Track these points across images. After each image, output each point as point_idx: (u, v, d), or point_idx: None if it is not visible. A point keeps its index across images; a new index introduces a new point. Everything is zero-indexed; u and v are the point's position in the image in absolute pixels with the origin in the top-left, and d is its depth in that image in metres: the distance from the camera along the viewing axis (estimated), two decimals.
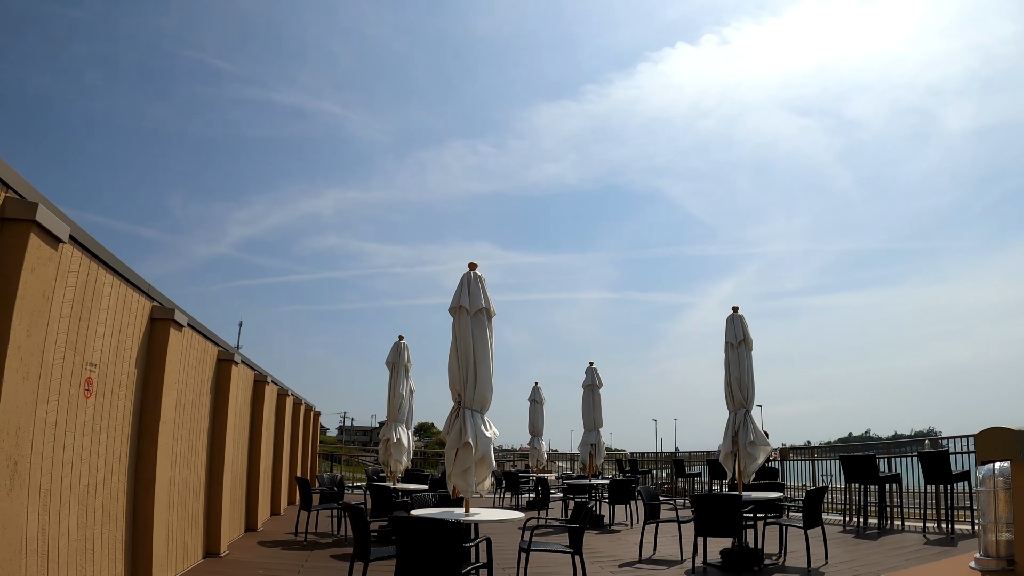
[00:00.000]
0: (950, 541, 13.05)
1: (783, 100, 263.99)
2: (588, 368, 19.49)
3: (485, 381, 8.94)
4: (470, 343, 8.91)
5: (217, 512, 11.44)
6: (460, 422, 8.73)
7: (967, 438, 15.23)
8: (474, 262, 9.26)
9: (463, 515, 8.34)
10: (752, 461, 11.79)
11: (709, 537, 10.65)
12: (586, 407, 19.25)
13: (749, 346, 12.27)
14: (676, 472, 25.01)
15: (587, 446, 18.96)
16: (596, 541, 14.58)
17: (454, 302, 9.08)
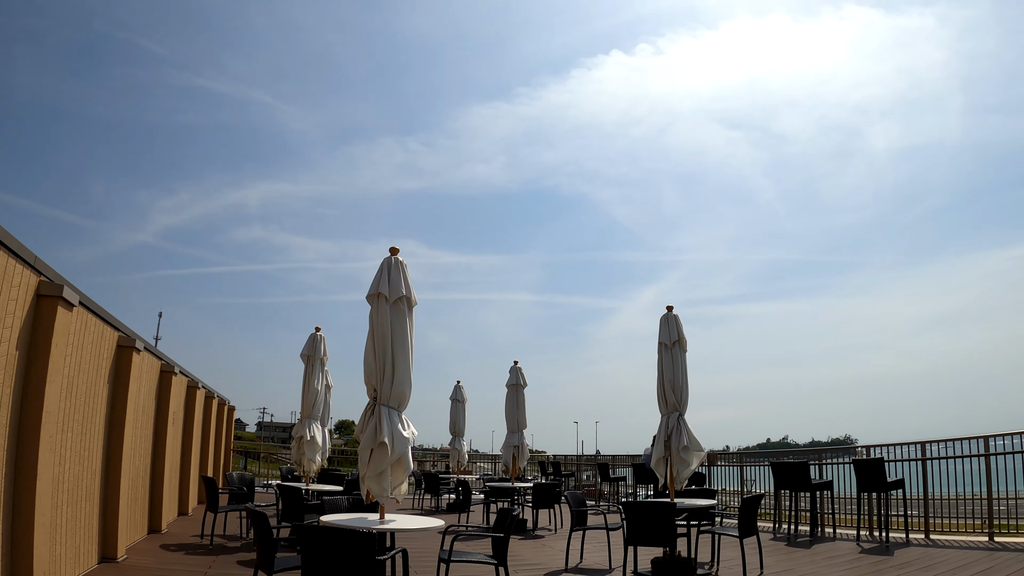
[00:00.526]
0: (885, 550, 12.78)
1: (713, 112, 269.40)
2: (512, 367, 18.84)
3: (404, 376, 8.20)
4: (388, 334, 8.16)
5: (114, 513, 10.54)
6: (375, 420, 7.97)
7: (902, 446, 14.97)
8: (395, 247, 8.53)
9: (378, 523, 7.64)
10: (685, 467, 11.25)
11: (640, 546, 10.05)
12: (510, 407, 18.57)
13: (683, 347, 11.74)
14: (600, 475, 24.45)
15: (510, 448, 18.28)
16: (519, 547, 13.96)
17: (372, 289, 8.31)
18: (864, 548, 13.13)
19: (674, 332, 11.70)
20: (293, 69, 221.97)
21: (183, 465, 17.10)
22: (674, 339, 11.65)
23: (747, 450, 26.71)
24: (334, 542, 6.47)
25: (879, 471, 13.90)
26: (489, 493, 18.14)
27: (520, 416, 18.40)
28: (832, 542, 14.15)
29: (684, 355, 11.71)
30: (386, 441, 7.80)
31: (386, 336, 8.15)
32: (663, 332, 11.76)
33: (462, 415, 23.09)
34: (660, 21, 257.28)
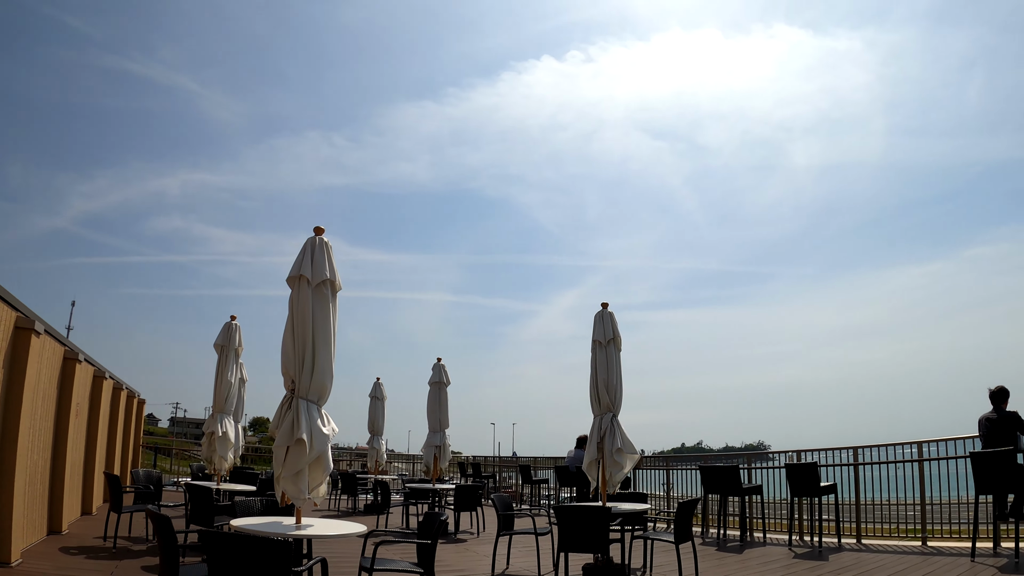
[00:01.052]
0: (819, 555, 12.51)
1: (640, 121, 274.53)
2: (436, 365, 18.18)
3: (325, 367, 7.48)
4: (309, 320, 7.46)
5: (8, 513, 9.62)
6: (293, 415, 7.26)
7: (833, 451, 14.72)
8: (320, 227, 7.86)
9: (293, 528, 6.98)
10: (618, 470, 10.78)
11: (572, 552, 9.51)
12: (432, 406, 17.90)
13: (618, 345, 11.29)
14: (523, 478, 23.91)
15: (431, 448, 17.58)
16: (443, 552, 13.29)
17: (293, 270, 7.59)
18: (797, 553, 12.84)
19: (609, 330, 11.23)
20: (221, 56, 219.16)
21: (87, 461, 16.10)
22: (609, 337, 11.18)
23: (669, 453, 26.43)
24: (244, 550, 5.72)
25: (812, 476, 13.63)
26: (409, 495, 17.51)
27: (442, 415, 17.75)
28: (763, 547, 13.85)
29: (619, 354, 11.27)
30: (304, 438, 7.11)
31: (306, 323, 7.44)
32: (597, 330, 11.28)
33: (381, 413, 22.46)
34: (592, 29, 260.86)
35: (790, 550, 13.24)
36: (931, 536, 13.11)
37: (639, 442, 10.92)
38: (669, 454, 24.53)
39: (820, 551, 12.89)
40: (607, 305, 11.43)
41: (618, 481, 10.94)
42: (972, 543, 11.36)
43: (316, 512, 20.17)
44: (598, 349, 11.20)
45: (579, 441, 19.53)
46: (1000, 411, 11.96)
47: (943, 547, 12.49)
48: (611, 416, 10.94)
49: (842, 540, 13.67)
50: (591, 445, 10.98)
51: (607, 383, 11.00)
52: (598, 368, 11.11)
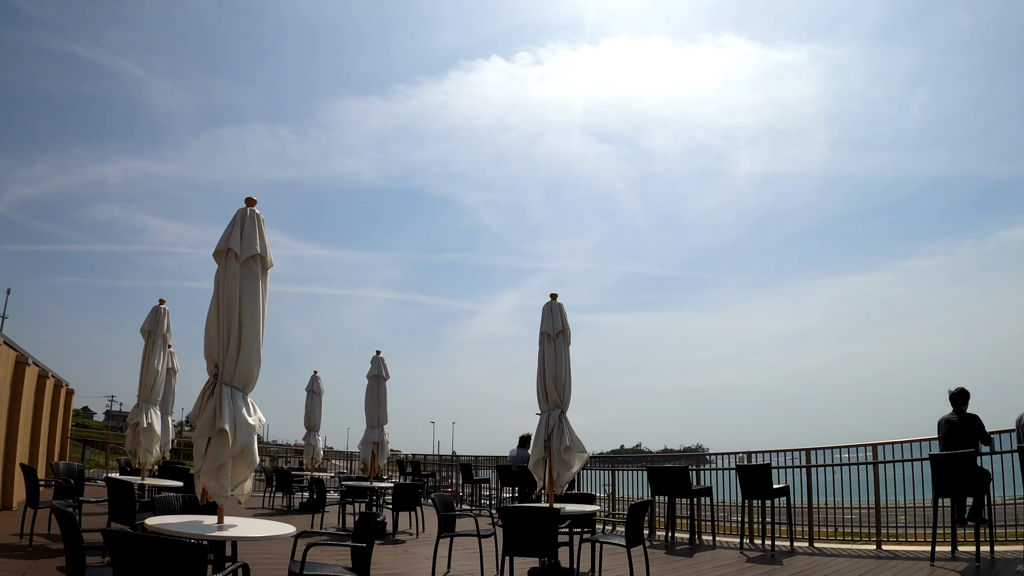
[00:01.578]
0: (772, 559, 12.12)
1: (585, 125, 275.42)
2: (375, 358, 17.41)
3: (252, 350, 6.71)
4: (235, 298, 6.73)
5: None
6: (215, 402, 6.55)
7: (785, 452, 14.34)
8: (252, 197, 7.20)
9: (214, 528, 6.27)
10: (566, 469, 10.19)
11: (517, 557, 8.93)
12: (370, 400, 17.13)
13: (567, 338, 10.71)
14: (464, 477, 23.29)
15: (369, 444, 16.87)
16: (380, 554, 12.66)
17: (221, 243, 6.85)
18: (750, 557, 12.39)
19: (558, 322, 10.65)
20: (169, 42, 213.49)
21: (7, 452, 15.20)
22: (558, 329, 10.61)
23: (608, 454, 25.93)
24: (154, 553, 4.94)
25: (765, 477, 13.17)
26: (345, 493, 16.81)
27: (381, 410, 17.00)
28: (713, 550, 13.38)
29: (568, 347, 10.70)
30: (226, 428, 6.35)
31: (232, 300, 6.70)
32: (546, 321, 10.70)
33: (318, 408, 21.63)
34: (542, 31, 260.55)
35: (742, 554, 12.80)
36: (886, 540, 12.77)
37: None
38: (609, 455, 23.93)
39: (773, 555, 12.47)
40: (556, 296, 10.87)
41: (566, 481, 10.35)
42: (931, 547, 11.04)
43: (248, 510, 19.47)
44: (546, 342, 10.61)
45: (522, 440, 18.99)
46: (961, 413, 11.63)
47: (899, 551, 12.16)
48: (559, 412, 10.35)
49: (795, 544, 13.25)
50: (537, 443, 10.38)
51: (555, 378, 10.42)
52: (546, 362, 10.51)
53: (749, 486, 13.33)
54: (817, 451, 14.01)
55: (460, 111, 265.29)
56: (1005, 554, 10.99)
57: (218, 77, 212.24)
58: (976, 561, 10.49)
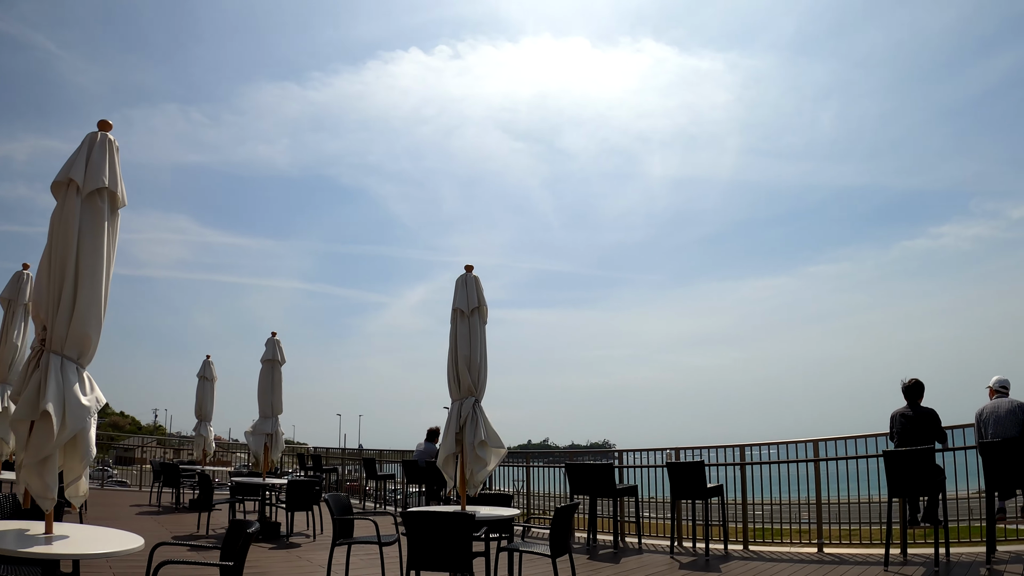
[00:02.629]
0: (706, 564, 11.12)
1: (501, 121, 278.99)
2: (269, 340, 15.88)
3: (89, 309, 5.07)
4: (73, 240, 5.11)
5: None
6: (40, 376, 5.11)
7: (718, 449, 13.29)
8: (107, 121, 5.69)
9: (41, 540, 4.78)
10: (481, 466, 8.82)
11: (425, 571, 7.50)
12: (263, 387, 15.56)
13: (483, 316, 9.38)
14: (367, 472, 21.68)
15: (261, 436, 15.25)
16: (270, 560, 11.28)
17: (61, 174, 5.19)
18: (682, 563, 11.27)
19: (473, 297, 9.28)
20: (84, 17, 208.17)
21: None
22: (473, 306, 9.25)
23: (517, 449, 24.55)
24: None
25: (698, 476, 11.98)
26: (235, 490, 15.28)
27: (275, 398, 15.45)
28: (640, 555, 12.23)
29: (484, 326, 9.36)
30: (49, 409, 4.80)
31: (69, 243, 5.09)
32: (459, 296, 9.34)
33: (210, 396, 19.87)
34: (463, 26, 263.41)
35: (672, 558, 11.66)
36: (828, 542, 11.72)
37: None
38: (518, 449, 22.41)
39: (707, 560, 11.37)
40: (472, 268, 9.55)
41: (481, 480, 8.96)
42: (885, 550, 10.11)
43: (133, 507, 17.94)
44: (459, 320, 9.24)
45: (429, 433, 17.69)
46: (916, 407, 10.64)
47: (843, 554, 11.20)
48: (473, 401, 9.00)
49: (729, 547, 12.17)
50: (448, 435, 8.99)
51: (469, 361, 9.06)
52: (459, 342, 9.15)
53: (680, 485, 12.11)
54: (752, 448, 12.93)
55: (377, 102, 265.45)
56: (961, 556, 10.07)
57: (133, 55, 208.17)
58: (935, 565, 9.54)
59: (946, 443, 10.61)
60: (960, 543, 10.64)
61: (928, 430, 10.42)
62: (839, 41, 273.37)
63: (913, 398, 10.71)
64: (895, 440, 10.64)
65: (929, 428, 10.44)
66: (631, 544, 13.21)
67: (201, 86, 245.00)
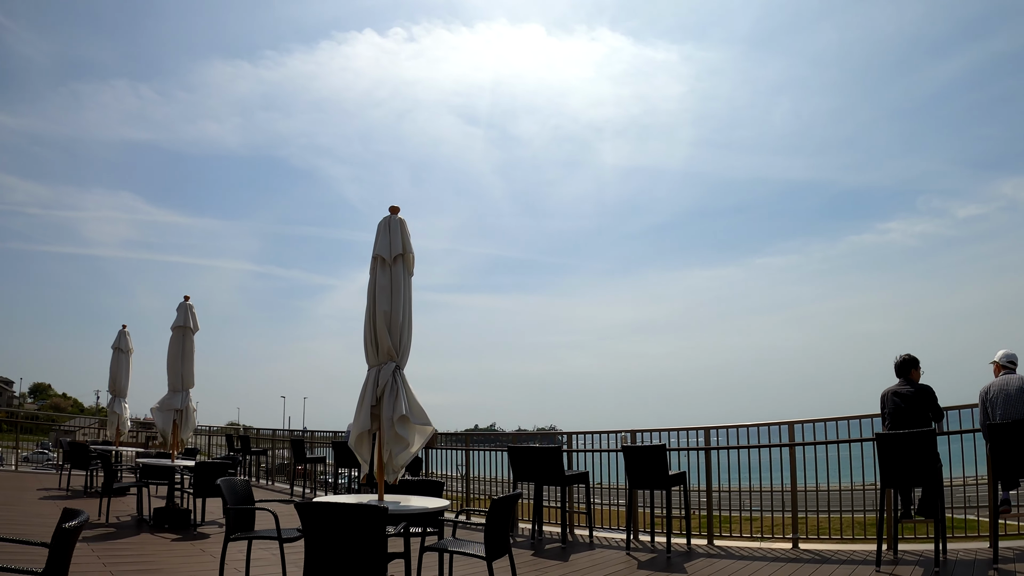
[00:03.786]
0: (668, 562, 9.69)
1: (454, 106, 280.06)
2: (181, 304, 14.18)
3: None
4: None
5: None
6: None
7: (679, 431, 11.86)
8: None
9: None
10: (402, 448, 7.18)
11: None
12: (173, 357, 13.88)
13: (409, 266, 7.77)
14: (295, 455, 19.84)
15: (169, 412, 13.60)
16: (166, 554, 9.77)
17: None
18: (640, 560, 9.86)
19: (397, 242, 7.65)
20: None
21: None
22: (397, 252, 7.64)
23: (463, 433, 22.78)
24: None
25: (659, 462, 10.45)
26: (144, 474, 13.58)
27: (186, 370, 13.79)
28: (592, 551, 10.71)
29: (409, 278, 7.78)
30: None
31: None
32: (381, 242, 7.71)
33: (125, 369, 18.04)
34: (418, 8, 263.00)
35: (629, 555, 10.22)
36: (803, 537, 10.39)
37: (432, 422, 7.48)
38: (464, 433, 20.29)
39: (669, 557, 9.93)
40: (397, 210, 7.95)
41: (402, 464, 7.28)
42: (877, 546, 8.88)
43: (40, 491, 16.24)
44: (380, 269, 7.63)
45: None
46: (911, 383, 9.30)
47: (822, 551, 9.87)
48: (394, 368, 7.40)
49: (692, 541, 10.79)
50: (361, 409, 7.36)
51: (390, 318, 7.46)
52: (378, 296, 7.55)
53: (637, 472, 10.60)
54: (719, 430, 11.43)
55: (329, 83, 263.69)
56: (959, 553, 8.80)
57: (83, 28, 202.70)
58: (935, 565, 8.19)
59: (940, 426, 9.32)
60: (957, 538, 9.41)
61: (924, 410, 9.07)
62: (794, 38, 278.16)
63: (906, 374, 9.39)
64: (887, 422, 9.26)
65: (925, 407, 9.10)
66: (581, 537, 11.71)
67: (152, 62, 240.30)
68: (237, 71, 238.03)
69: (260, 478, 22.22)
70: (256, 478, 22.12)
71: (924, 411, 9.04)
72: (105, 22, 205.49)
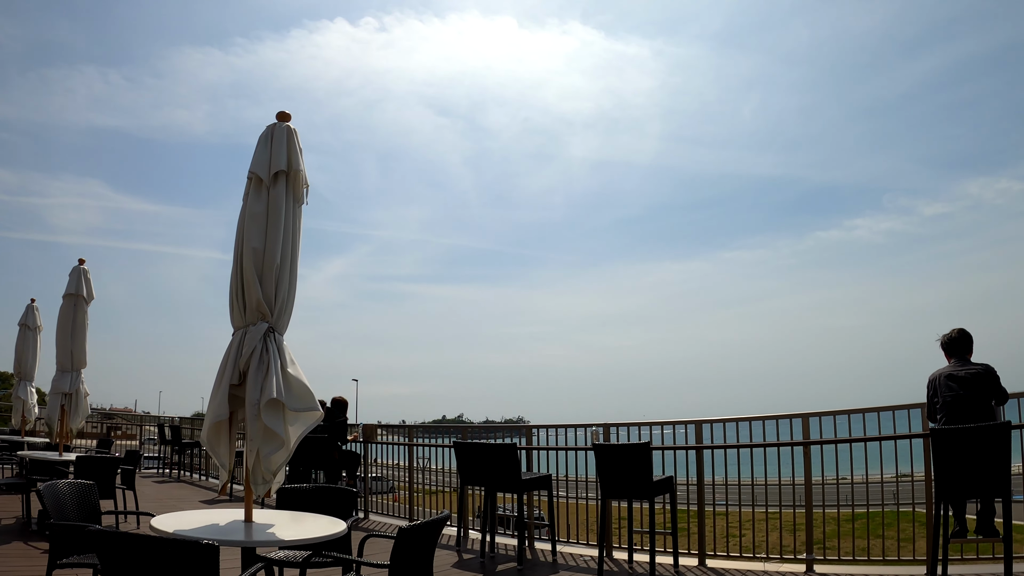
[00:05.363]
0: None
1: (425, 96, 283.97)
2: (75, 269, 11.81)
3: None
4: None
5: None
6: None
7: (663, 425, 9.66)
8: None
9: None
10: (275, 447, 4.94)
11: None
12: (63, 331, 11.57)
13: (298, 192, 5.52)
14: None
15: (57, 396, 11.43)
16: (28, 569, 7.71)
17: None
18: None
19: (281, 156, 5.45)
20: None
21: None
22: (279, 168, 5.38)
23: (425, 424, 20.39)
24: None
25: (642, 464, 8.08)
26: (30, 469, 11.29)
27: (76, 346, 11.50)
28: (555, 574, 8.55)
29: (299, 207, 5.59)
30: None
31: None
32: (259, 157, 5.49)
33: (31, 350, 15.72)
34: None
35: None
36: (819, 557, 8.09)
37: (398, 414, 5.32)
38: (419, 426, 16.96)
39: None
40: (288, 117, 5.73)
41: (276, 469, 5.11)
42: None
43: None
44: (254, 192, 5.45)
45: None
46: (968, 364, 7.14)
47: (840, 574, 7.80)
48: (265, 330, 5.19)
49: (680, 561, 8.58)
50: (218, 391, 5.13)
51: (263, 260, 5.26)
52: (247, 228, 5.35)
53: (614, 477, 8.27)
54: (715, 424, 9.14)
55: (299, 71, 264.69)
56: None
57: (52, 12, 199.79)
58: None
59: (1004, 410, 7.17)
60: (1019, 558, 7.17)
61: (988, 396, 6.96)
62: (765, 35, 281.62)
63: (962, 353, 7.26)
64: (942, 414, 7.04)
65: (989, 393, 6.96)
66: (543, 554, 9.47)
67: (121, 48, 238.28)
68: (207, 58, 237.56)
69: (196, 472, 19.92)
70: (190, 472, 19.85)
71: (988, 398, 6.90)
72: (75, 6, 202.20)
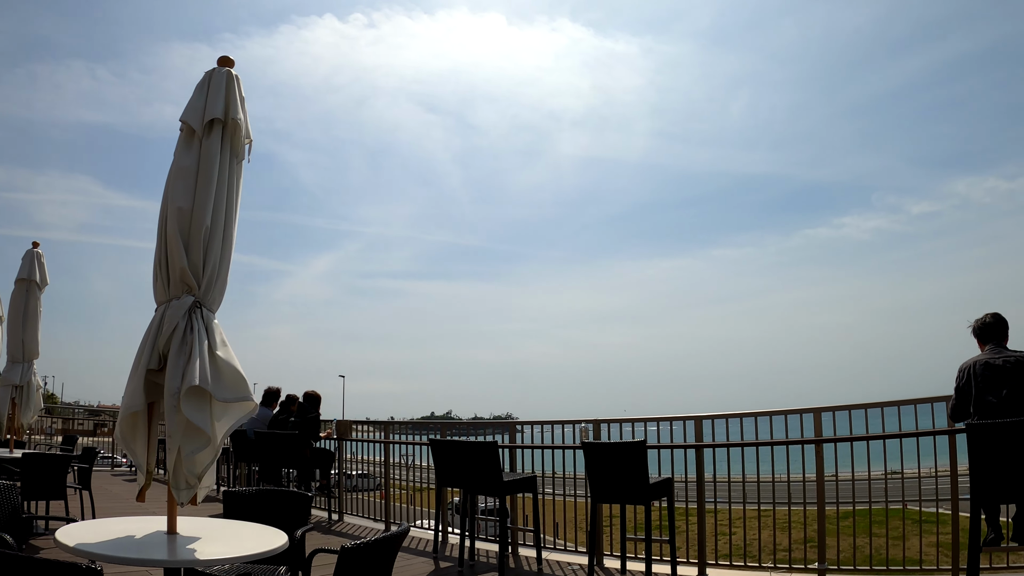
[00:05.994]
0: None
1: (413, 93, 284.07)
2: (28, 252, 10.90)
3: None
4: None
5: None
6: None
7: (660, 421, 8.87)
8: None
9: None
10: (199, 445, 4.09)
11: None
12: (13, 318, 10.66)
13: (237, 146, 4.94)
14: None
15: (6, 388, 10.53)
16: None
17: None
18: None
19: (218, 103, 4.74)
20: None
21: None
22: (214, 115, 4.63)
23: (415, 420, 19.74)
24: None
25: (637, 464, 7.25)
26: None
27: (28, 335, 10.63)
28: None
29: (235, 163, 4.82)
30: None
31: None
32: (193, 104, 4.79)
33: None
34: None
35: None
36: (833, 567, 7.24)
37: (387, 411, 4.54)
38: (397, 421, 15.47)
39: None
40: (231, 63, 5.02)
41: (202, 471, 4.26)
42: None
43: None
44: (184, 143, 4.67)
45: (266, 395, 13.36)
46: (1006, 352, 6.30)
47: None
48: (192, 304, 4.36)
49: (678, 570, 7.67)
50: (134, 377, 4.27)
51: (190, 221, 4.43)
52: (173, 184, 4.55)
53: (606, 479, 7.46)
54: (716, 420, 8.25)
55: (288, 67, 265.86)
56: None
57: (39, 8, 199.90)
58: None
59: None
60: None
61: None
62: (754, 34, 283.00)
63: (999, 339, 6.44)
64: (976, 407, 6.24)
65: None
66: (528, 561, 8.66)
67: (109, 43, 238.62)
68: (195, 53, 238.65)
69: None
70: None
71: None
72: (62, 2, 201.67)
